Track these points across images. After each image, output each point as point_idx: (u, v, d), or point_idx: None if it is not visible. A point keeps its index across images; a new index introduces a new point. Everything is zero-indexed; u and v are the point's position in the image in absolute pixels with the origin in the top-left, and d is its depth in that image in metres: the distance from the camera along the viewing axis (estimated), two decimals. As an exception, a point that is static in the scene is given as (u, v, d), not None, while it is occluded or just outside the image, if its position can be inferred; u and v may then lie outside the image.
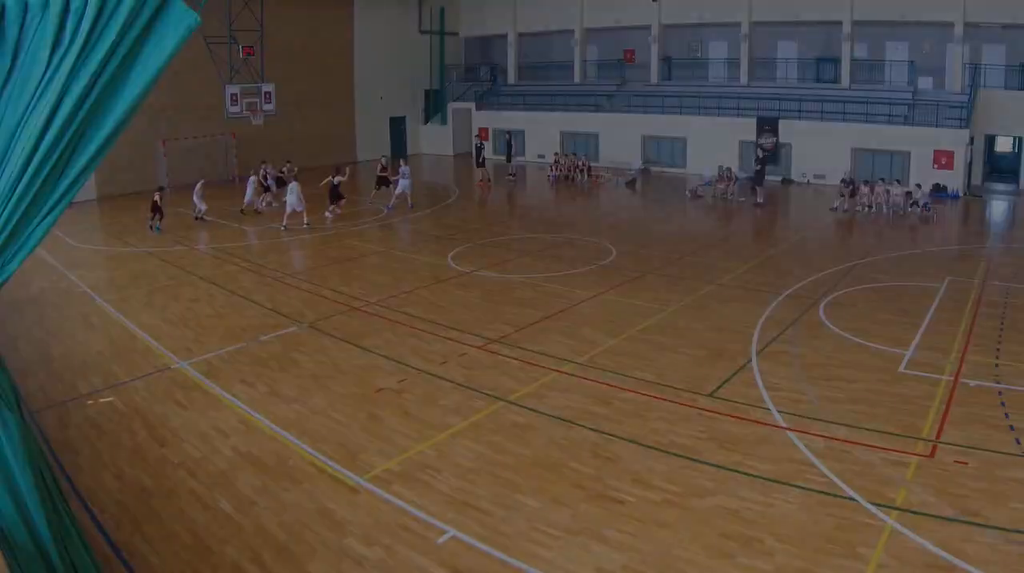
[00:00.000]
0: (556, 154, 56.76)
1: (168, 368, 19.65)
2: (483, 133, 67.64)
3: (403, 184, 41.33)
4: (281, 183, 41.05)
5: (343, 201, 38.03)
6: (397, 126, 69.70)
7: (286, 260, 30.67)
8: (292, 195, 35.23)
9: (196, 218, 38.18)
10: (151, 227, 35.32)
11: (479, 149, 52.48)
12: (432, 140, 71.66)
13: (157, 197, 34.84)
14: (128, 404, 17.52)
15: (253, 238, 34.91)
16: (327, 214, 36.79)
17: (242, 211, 39.41)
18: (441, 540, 12.09)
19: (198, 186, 38.25)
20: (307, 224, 35.48)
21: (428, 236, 34.61)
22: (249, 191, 39.54)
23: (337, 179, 37.68)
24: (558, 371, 19.14)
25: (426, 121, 72.64)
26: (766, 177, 47.04)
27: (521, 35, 71.00)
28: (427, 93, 72.39)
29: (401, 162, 43.96)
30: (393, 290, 26.31)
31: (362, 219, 39.48)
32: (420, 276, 28.22)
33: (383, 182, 43.07)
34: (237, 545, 12.04)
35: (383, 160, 45.02)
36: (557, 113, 64.72)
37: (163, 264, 30.26)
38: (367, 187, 46.56)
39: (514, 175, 53.14)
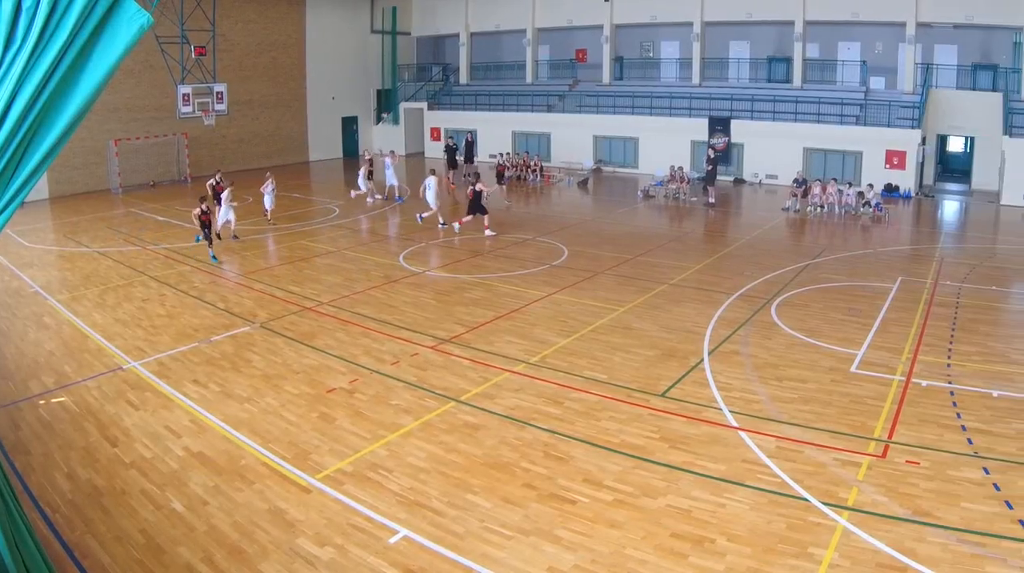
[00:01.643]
0: (503, 154, 56.76)
1: (120, 368, 19.54)
2: (435, 132, 68.30)
3: (387, 175, 42.77)
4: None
5: (486, 215, 35.68)
6: (349, 126, 69.79)
7: (238, 260, 30.44)
8: (224, 205, 34.56)
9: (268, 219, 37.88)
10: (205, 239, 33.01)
11: (453, 150, 51.79)
12: (384, 140, 71.00)
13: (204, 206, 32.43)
14: (80, 404, 17.42)
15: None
16: (488, 232, 35.34)
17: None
18: (393, 540, 12.13)
19: (267, 183, 38.14)
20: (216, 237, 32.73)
21: (380, 236, 34.54)
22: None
23: (480, 187, 35.20)
24: (510, 371, 19.19)
25: (378, 121, 72.60)
26: (718, 177, 47.25)
27: (473, 35, 71.11)
28: (379, 93, 72.43)
29: (383, 153, 44.59)
30: (345, 290, 26.27)
31: (314, 219, 39.35)
32: (372, 276, 28.15)
33: (371, 177, 43.56)
34: (189, 545, 12.02)
35: (366, 155, 44.93)
36: (509, 113, 64.98)
37: (115, 264, 30.00)
38: (319, 189, 46.29)
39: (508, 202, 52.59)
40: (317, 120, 65.93)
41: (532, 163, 55.28)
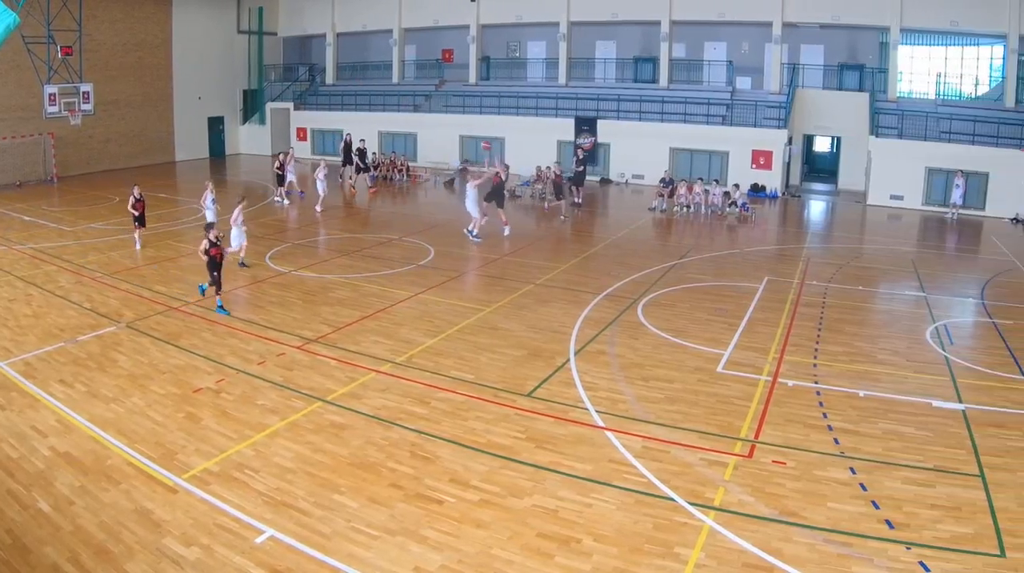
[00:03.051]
0: (375, 154, 56.51)
1: (-14, 368, 19.07)
2: (301, 133, 68.05)
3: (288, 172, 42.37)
4: None
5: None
6: (215, 126, 68.82)
7: (105, 260, 29.65)
8: (235, 227, 33.24)
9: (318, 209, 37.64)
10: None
11: (362, 152, 50.42)
12: (250, 140, 70.84)
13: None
14: (-55, 404, 16.97)
15: (71, 238, 33.76)
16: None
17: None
18: (259, 540, 12.00)
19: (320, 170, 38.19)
20: None
21: (247, 236, 34.05)
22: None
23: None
24: (376, 371, 19.07)
25: (244, 121, 71.68)
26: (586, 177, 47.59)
27: (340, 35, 70.72)
28: (245, 93, 71.57)
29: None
30: (211, 290, 25.81)
31: (180, 219, 38.56)
32: (238, 276, 27.72)
33: (282, 180, 42.84)
34: (55, 545, 11.78)
35: (281, 157, 44.14)
36: (376, 113, 64.75)
37: (-20, 264, 29.22)
38: (185, 189, 45.45)
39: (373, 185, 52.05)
40: (183, 120, 64.80)
41: (399, 163, 55.06)
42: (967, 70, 57.11)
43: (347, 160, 50.60)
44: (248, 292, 25.89)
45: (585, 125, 55.11)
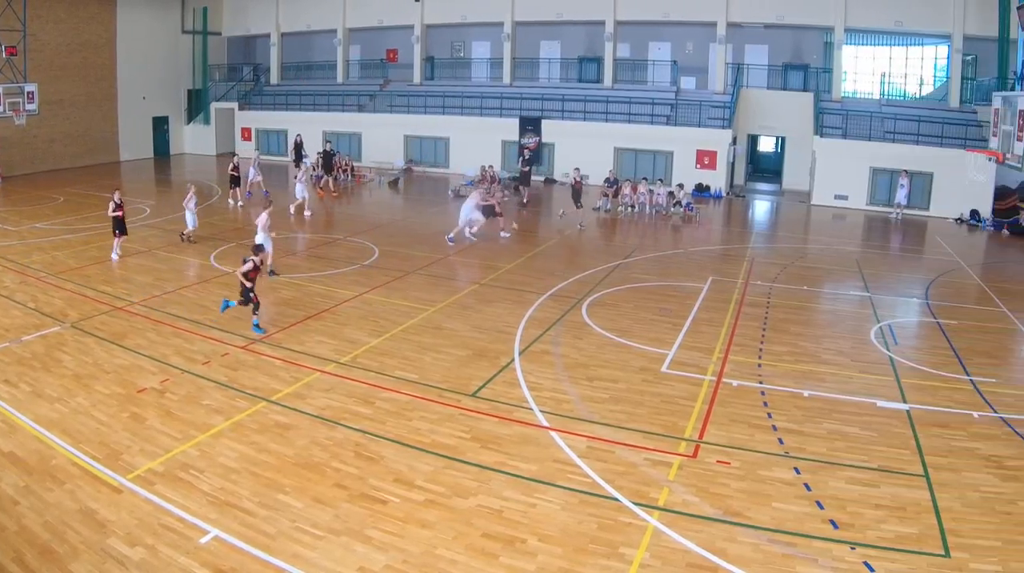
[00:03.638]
0: (318, 153, 56.29)
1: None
2: (246, 132, 67.75)
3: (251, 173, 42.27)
4: None
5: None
6: (160, 126, 68.44)
7: (49, 260, 29.30)
8: (261, 232, 32.73)
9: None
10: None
11: (330, 155, 49.66)
12: (195, 140, 70.49)
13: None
14: None
15: (15, 238, 33.38)
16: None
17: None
18: (204, 540, 11.93)
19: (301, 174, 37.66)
20: None
21: (192, 236, 33.77)
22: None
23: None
24: (321, 371, 19.01)
25: (189, 121, 71.31)
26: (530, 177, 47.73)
27: (284, 35, 70.59)
28: (190, 93, 71.24)
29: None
30: (156, 290, 25.60)
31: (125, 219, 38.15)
32: (183, 276, 27.62)
33: (235, 181, 42.35)
34: None
35: (235, 159, 43.72)
36: (320, 113, 64.62)
37: (-78, 265, 28.82)
38: (130, 189, 45.02)
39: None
40: (128, 120, 64.35)
41: (343, 163, 54.85)
42: (911, 70, 57.84)
43: (298, 161, 50.48)
44: (193, 292, 25.64)
45: (529, 125, 55.34)
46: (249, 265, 21.52)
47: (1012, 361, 22.57)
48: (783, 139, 56.91)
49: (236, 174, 42.29)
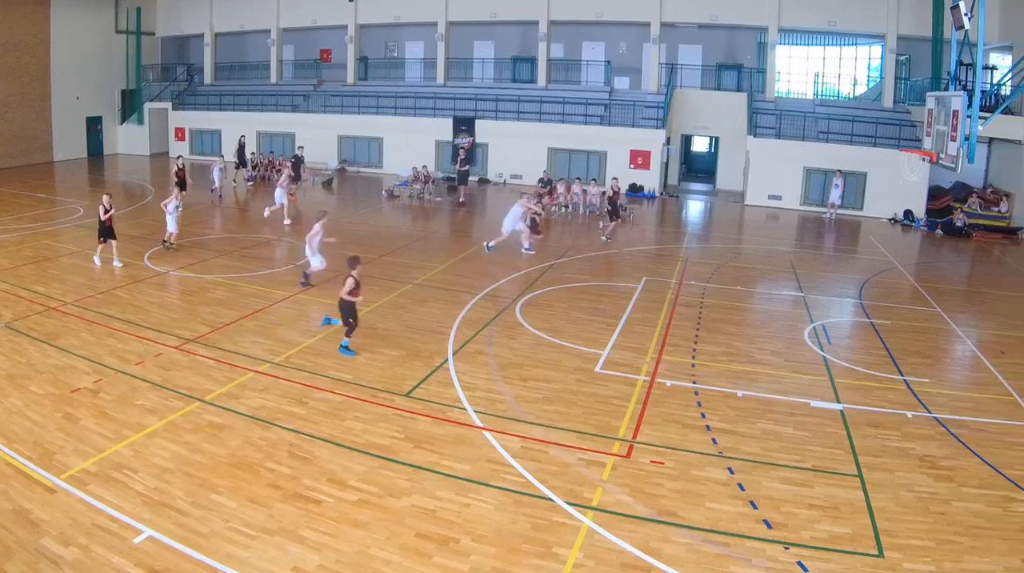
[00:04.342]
0: (253, 154, 56.06)
1: None
2: (179, 133, 67.49)
3: (217, 176, 42.05)
4: None
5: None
6: (94, 126, 67.69)
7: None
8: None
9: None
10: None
11: (298, 160, 47.86)
12: (129, 140, 69.66)
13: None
14: None
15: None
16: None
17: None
18: (138, 540, 11.86)
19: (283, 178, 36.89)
20: None
21: (125, 236, 33.28)
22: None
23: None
24: (255, 371, 18.93)
25: (123, 121, 70.49)
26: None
27: (218, 35, 70.14)
28: (124, 93, 70.47)
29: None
30: (90, 290, 25.32)
31: (58, 219, 37.57)
32: (117, 276, 27.25)
33: (182, 185, 41.38)
34: (-67, 546, 11.57)
35: (179, 162, 43.08)
36: (254, 113, 64.32)
37: None
38: (63, 189, 44.54)
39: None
40: (61, 120, 63.68)
41: (277, 163, 54.51)
42: (845, 70, 58.59)
43: (241, 163, 50.26)
44: (127, 292, 25.39)
45: (463, 125, 55.39)
46: (351, 282, 20.33)
47: (946, 361, 22.85)
48: (717, 139, 57.40)
49: (182, 177, 40.99)
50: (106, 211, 27.74)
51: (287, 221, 37.49)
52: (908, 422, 17.36)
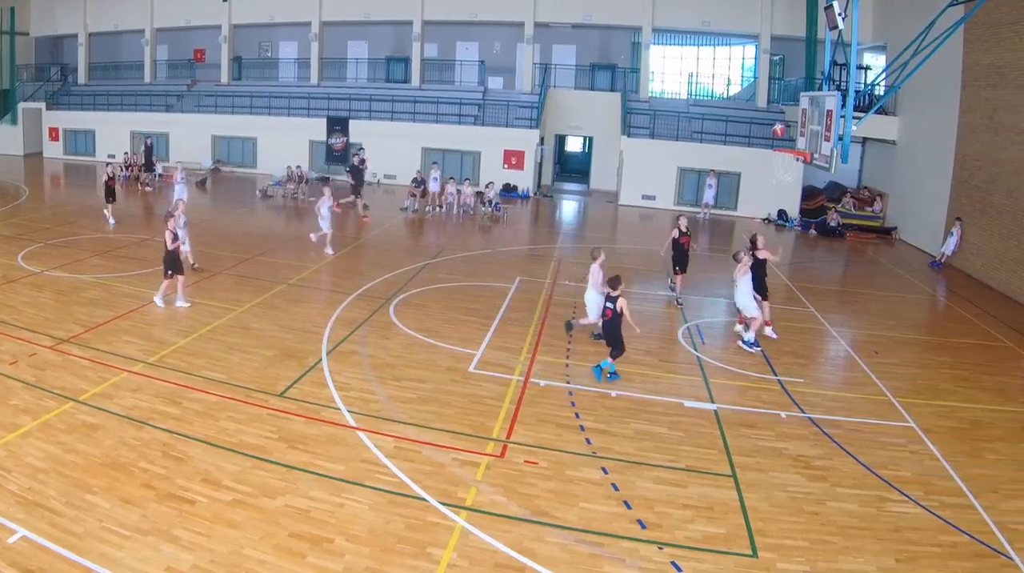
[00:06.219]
0: (126, 154, 55.30)
1: None
2: (53, 133, 66.34)
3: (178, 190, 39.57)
4: None
5: None
6: (-34, 127, 66.31)
7: None
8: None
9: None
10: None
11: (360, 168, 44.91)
12: (2, 140, 68.05)
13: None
14: None
15: None
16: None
17: None
18: (11, 540, 11.67)
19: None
20: None
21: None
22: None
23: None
24: (128, 371, 18.64)
25: (-3, 121, 69.20)
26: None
27: (92, 35, 69.16)
28: (-3, 93, 69.10)
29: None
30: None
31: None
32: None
33: (111, 194, 40.01)
34: None
35: (109, 169, 41.81)
36: (128, 112, 63.49)
37: None
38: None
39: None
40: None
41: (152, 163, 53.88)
42: (719, 70, 59.53)
43: (149, 166, 49.73)
44: (0, 292, 24.95)
45: (337, 125, 55.29)
46: (621, 303, 19.62)
47: (820, 361, 23.35)
48: (591, 139, 57.88)
49: (112, 185, 38.15)
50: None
51: (328, 250, 32.82)
52: (782, 422, 17.76)
